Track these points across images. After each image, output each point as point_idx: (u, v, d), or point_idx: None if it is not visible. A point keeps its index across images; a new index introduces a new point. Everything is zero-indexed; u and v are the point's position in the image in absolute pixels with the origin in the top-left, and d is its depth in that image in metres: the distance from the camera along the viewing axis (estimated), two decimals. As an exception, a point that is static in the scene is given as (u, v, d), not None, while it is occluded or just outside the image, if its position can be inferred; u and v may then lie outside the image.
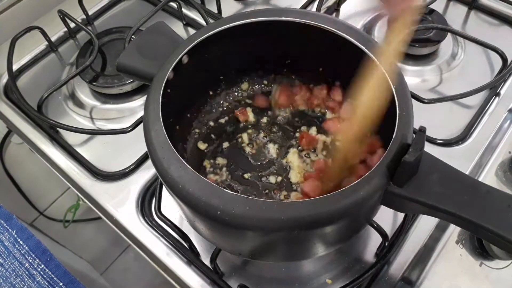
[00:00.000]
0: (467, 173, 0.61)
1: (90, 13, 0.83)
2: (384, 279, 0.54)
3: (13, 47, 0.75)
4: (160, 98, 0.47)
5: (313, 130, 0.60)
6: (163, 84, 0.48)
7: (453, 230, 0.57)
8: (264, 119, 0.61)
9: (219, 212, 0.40)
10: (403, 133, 0.43)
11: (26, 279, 0.61)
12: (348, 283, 0.53)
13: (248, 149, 0.59)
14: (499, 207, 0.39)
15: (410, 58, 0.74)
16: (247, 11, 0.54)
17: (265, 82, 0.63)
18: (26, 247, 0.63)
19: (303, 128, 0.60)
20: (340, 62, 0.55)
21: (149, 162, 0.65)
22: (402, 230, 0.56)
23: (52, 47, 0.80)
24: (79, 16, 0.82)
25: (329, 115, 0.61)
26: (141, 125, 0.64)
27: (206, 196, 0.40)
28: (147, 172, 0.64)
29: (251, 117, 0.61)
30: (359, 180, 0.40)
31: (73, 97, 0.74)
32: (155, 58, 0.51)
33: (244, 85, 0.63)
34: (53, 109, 0.73)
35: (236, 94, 0.63)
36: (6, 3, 0.80)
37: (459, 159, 0.62)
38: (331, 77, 0.60)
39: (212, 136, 0.60)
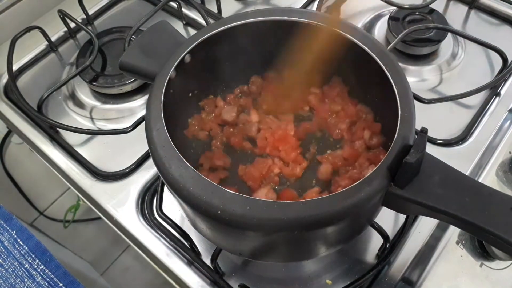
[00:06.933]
0: (467, 173, 0.61)
1: (90, 13, 0.83)
2: (385, 279, 0.54)
3: (13, 47, 0.75)
4: (162, 97, 0.47)
5: None
6: (165, 83, 0.48)
7: (454, 231, 0.57)
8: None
9: (219, 212, 0.39)
10: (405, 134, 0.43)
11: (26, 280, 0.61)
12: (348, 284, 0.53)
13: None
14: (501, 209, 0.39)
15: (410, 58, 0.74)
16: (249, 10, 0.54)
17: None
18: (26, 248, 0.63)
19: None
20: (341, 61, 0.55)
21: (149, 162, 0.65)
22: (404, 232, 0.56)
23: (52, 47, 0.80)
24: (79, 16, 0.82)
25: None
26: (141, 125, 0.65)
27: (207, 196, 0.40)
28: (147, 172, 0.64)
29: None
30: (360, 181, 0.40)
31: (73, 97, 0.74)
32: (157, 57, 0.51)
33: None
34: (53, 109, 0.73)
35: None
36: (6, 3, 0.80)
37: (459, 159, 0.62)
38: (331, 76, 0.60)
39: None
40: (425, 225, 0.57)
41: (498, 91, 0.70)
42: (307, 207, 0.39)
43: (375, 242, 0.56)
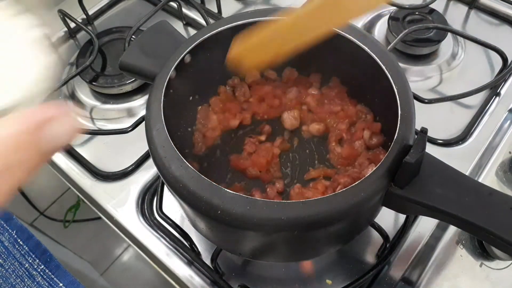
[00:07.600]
0: (467, 173, 0.61)
1: (90, 13, 0.83)
2: (385, 280, 0.54)
3: (13, 47, 0.75)
4: (162, 97, 0.47)
5: None
6: (165, 83, 0.48)
7: (454, 231, 0.57)
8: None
9: (219, 212, 0.39)
10: (405, 134, 0.43)
11: (26, 280, 0.61)
12: (348, 284, 0.53)
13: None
14: (501, 209, 0.39)
15: (410, 58, 0.74)
16: (249, 10, 0.54)
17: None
18: (26, 248, 0.63)
19: None
20: (341, 61, 0.55)
21: (149, 162, 0.65)
22: (404, 232, 0.56)
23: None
24: (79, 16, 0.82)
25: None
26: (141, 125, 0.65)
27: (207, 196, 0.40)
28: (147, 172, 0.64)
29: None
30: (360, 181, 0.40)
31: (73, 97, 0.74)
32: (157, 57, 0.51)
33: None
34: (53, 109, 0.72)
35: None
36: (6, 3, 0.80)
37: (459, 159, 0.62)
38: (329, 75, 0.60)
39: None
40: (425, 225, 0.57)
41: (498, 91, 0.70)
42: (307, 207, 0.39)
43: (375, 242, 0.56)
